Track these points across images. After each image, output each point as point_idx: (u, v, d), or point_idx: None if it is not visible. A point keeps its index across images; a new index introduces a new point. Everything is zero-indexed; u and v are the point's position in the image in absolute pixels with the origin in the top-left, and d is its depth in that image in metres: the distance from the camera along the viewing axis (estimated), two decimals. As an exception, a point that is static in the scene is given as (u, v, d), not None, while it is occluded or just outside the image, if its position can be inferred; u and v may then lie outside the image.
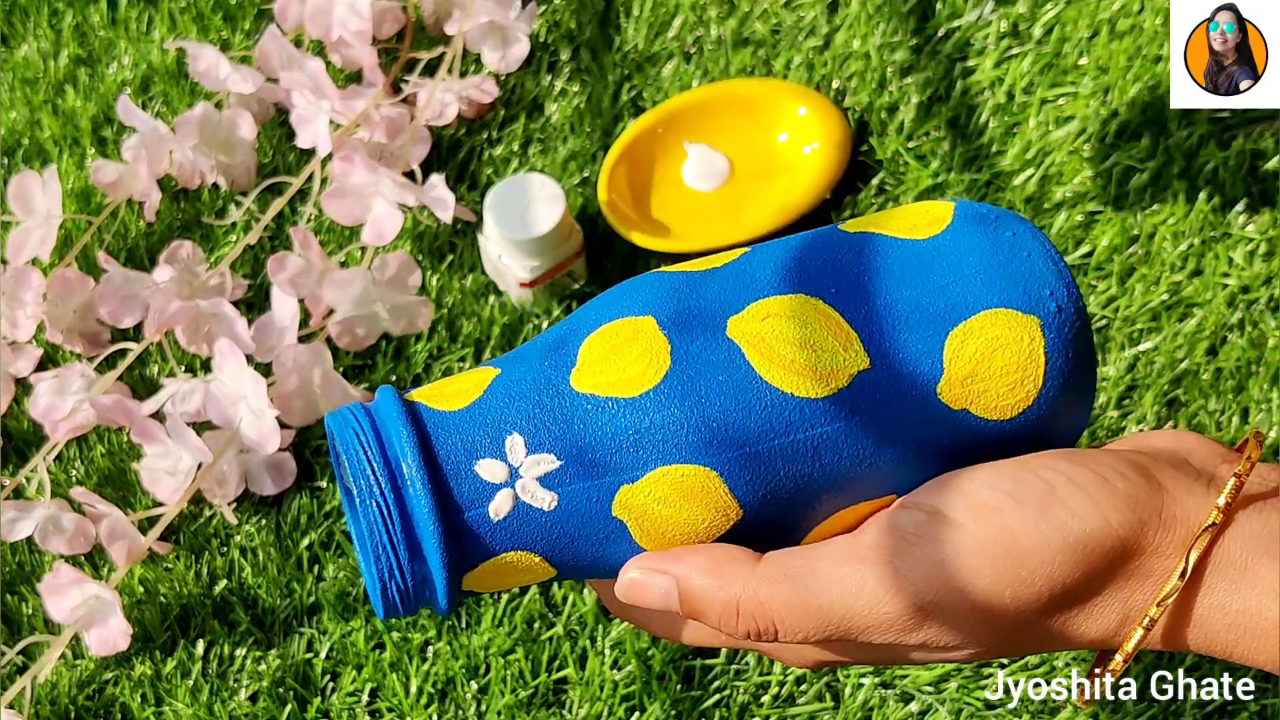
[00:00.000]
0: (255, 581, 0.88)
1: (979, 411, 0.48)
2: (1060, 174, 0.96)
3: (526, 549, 0.48)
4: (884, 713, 0.82)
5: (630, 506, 0.48)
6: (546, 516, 0.47)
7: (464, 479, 0.47)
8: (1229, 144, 0.95)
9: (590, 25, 1.05)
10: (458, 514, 0.47)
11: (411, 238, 0.98)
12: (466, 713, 0.83)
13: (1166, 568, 0.46)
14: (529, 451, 0.47)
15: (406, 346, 0.95)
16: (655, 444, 0.47)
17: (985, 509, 0.46)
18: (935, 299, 0.48)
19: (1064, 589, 0.46)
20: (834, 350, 0.47)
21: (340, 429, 0.48)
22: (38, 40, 1.09)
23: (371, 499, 0.47)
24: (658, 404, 0.47)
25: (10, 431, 0.94)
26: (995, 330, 0.48)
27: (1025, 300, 0.49)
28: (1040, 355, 0.48)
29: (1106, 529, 0.45)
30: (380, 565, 0.47)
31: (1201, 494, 0.46)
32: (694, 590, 0.47)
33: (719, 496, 0.47)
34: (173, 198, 1.01)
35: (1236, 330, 0.90)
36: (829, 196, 0.97)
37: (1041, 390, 0.48)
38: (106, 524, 0.85)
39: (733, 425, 0.47)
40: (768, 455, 0.47)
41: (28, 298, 0.94)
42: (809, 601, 0.46)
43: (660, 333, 0.48)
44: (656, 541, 0.48)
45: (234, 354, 0.87)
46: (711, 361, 0.47)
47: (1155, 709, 0.79)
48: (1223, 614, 0.46)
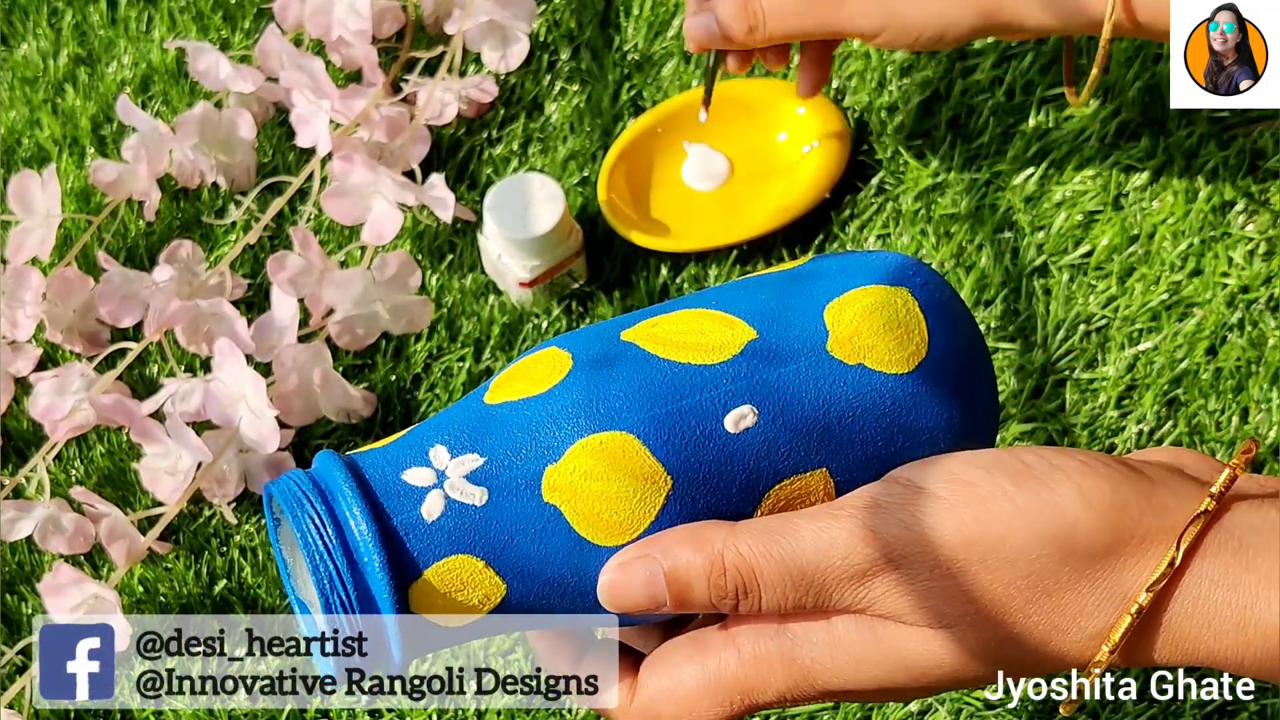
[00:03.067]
0: (255, 581, 0.88)
1: (875, 365, 0.50)
2: (1060, 174, 0.96)
3: (466, 551, 0.48)
4: (884, 712, 0.82)
5: (559, 487, 0.48)
6: (480, 512, 0.48)
7: (392, 487, 0.49)
8: (1229, 144, 0.95)
9: (590, 25, 1.05)
10: (389, 518, 0.48)
11: (411, 237, 0.98)
12: (466, 713, 0.83)
13: (1158, 553, 0.45)
14: (453, 455, 0.49)
15: (406, 346, 0.95)
16: (569, 420, 0.49)
17: (959, 481, 0.46)
18: (808, 289, 0.52)
19: (1041, 567, 0.45)
20: (721, 331, 0.50)
21: (276, 486, 0.50)
22: (37, 39, 1.09)
23: (304, 512, 0.48)
24: (566, 390, 0.49)
25: (10, 431, 0.94)
26: (869, 298, 0.51)
27: (889, 278, 0.52)
28: (918, 313, 0.51)
29: (1086, 507, 0.45)
30: (319, 576, 0.48)
31: (1195, 488, 0.46)
32: (679, 566, 0.47)
33: (642, 460, 0.48)
34: (172, 197, 1.01)
35: (1236, 330, 0.90)
36: (828, 196, 0.97)
37: (931, 343, 0.51)
38: (106, 524, 0.85)
39: (640, 394, 0.49)
40: (678, 414, 0.49)
41: (27, 297, 0.94)
42: (786, 551, 0.47)
43: (563, 351, 0.51)
44: (593, 524, 0.48)
45: (234, 354, 0.87)
46: (611, 356, 0.50)
47: (1155, 709, 0.79)
48: (1214, 608, 0.44)
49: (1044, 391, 0.89)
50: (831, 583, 0.46)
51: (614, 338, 0.51)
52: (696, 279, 0.95)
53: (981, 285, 0.93)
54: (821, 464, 0.49)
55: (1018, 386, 0.89)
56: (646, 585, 0.48)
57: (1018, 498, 0.45)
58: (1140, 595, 0.44)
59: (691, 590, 0.48)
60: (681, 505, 0.49)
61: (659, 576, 0.48)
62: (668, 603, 0.48)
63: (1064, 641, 0.46)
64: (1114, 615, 0.45)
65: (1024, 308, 0.92)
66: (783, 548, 0.46)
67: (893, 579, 0.46)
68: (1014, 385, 0.89)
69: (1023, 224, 0.95)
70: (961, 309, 0.53)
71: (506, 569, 0.49)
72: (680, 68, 1.03)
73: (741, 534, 0.47)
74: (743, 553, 0.47)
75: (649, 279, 0.95)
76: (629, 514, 0.48)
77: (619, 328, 0.52)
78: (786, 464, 0.49)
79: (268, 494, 0.50)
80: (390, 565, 0.47)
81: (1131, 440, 0.88)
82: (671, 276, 0.96)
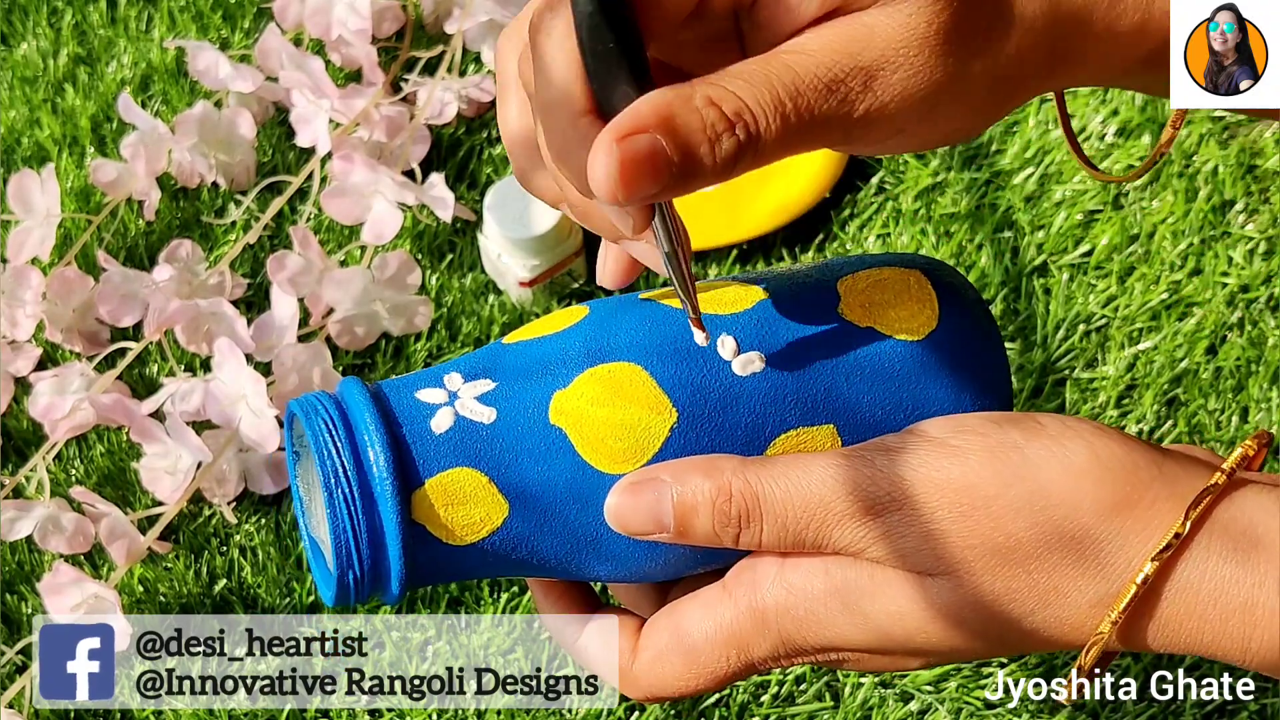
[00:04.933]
0: (255, 581, 0.88)
1: (886, 330, 0.51)
2: (1060, 173, 0.96)
3: (471, 465, 0.49)
4: (883, 712, 0.82)
5: (566, 411, 0.49)
6: (487, 429, 0.49)
7: (404, 401, 0.50)
8: (1229, 144, 0.95)
9: (590, 24, 1.05)
10: (398, 426, 0.49)
11: (411, 237, 0.98)
12: (466, 713, 0.83)
13: (1165, 523, 0.44)
14: (466, 380, 0.50)
15: (406, 345, 0.95)
16: (581, 354, 0.50)
17: (972, 432, 0.46)
18: (822, 270, 0.53)
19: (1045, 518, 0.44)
20: (736, 291, 0.52)
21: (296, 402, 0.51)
22: (37, 39, 1.09)
23: (317, 417, 0.49)
24: (579, 330, 0.51)
25: (10, 431, 0.94)
26: (880, 274, 0.52)
27: (899, 262, 0.53)
28: (929, 289, 0.52)
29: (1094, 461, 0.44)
30: (326, 471, 0.48)
31: (1205, 465, 0.45)
32: (686, 491, 0.48)
33: (649, 391, 0.49)
34: (172, 197, 1.01)
35: (1236, 329, 0.90)
36: (829, 196, 0.97)
37: (942, 315, 0.51)
38: (106, 523, 0.85)
39: (651, 331, 0.50)
40: (687, 352, 0.50)
41: (27, 297, 0.94)
42: (792, 483, 0.47)
43: (581, 306, 0.52)
44: (597, 450, 0.49)
45: (234, 353, 0.87)
46: (627, 305, 0.52)
47: (1155, 709, 0.79)
48: (1221, 585, 0.43)
49: (1044, 391, 0.89)
50: (834, 517, 0.46)
51: (633, 297, 0.53)
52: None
53: (981, 285, 0.93)
54: (829, 420, 0.50)
55: (1018, 386, 0.89)
56: (652, 508, 0.48)
57: (1027, 448, 0.45)
58: (1145, 565, 0.44)
59: (696, 516, 0.48)
60: (685, 439, 0.49)
61: (667, 500, 0.48)
62: (670, 528, 0.48)
63: (1063, 605, 0.45)
64: (1115, 583, 0.44)
65: (1024, 307, 0.92)
66: (791, 479, 0.47)
67: (895, 519, 0.45)
68: (1014, 385, 0.89)
69: (1023, 223, 0.95)
70: (974, 295, 0.53)
71: (509, 487, 0.49)
72: (680, 67, 1.03)
73: (752, 465, 0.48)
74: (750, 480, 0.47)
75: (649, 279, 0.95)
76: (633, 442, 0.49)
77: (638, 294, 0.53)
78: (793, 415, 0.50)
79: (289, 414, 0.51)
80: (394, 466, 0.48)
81: (1131, 440, 0.88)
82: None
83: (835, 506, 0.46)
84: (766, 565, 0.49)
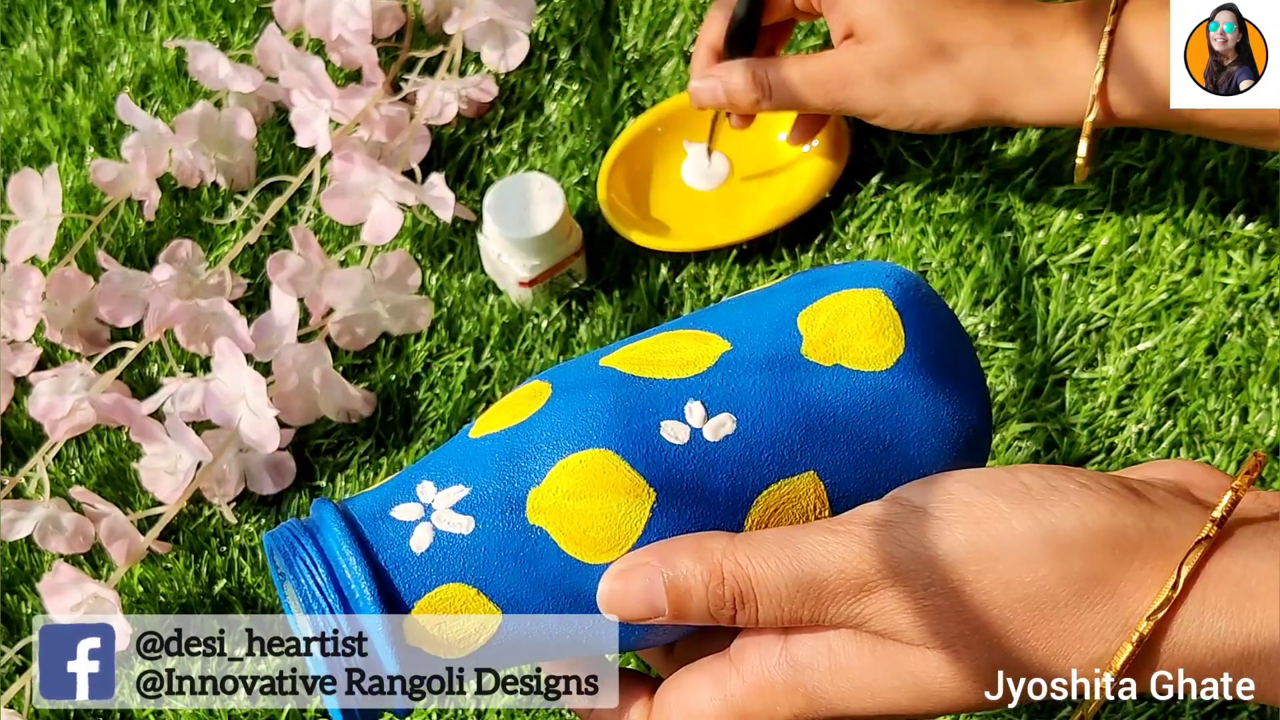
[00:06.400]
0: (255, 581, 0.88)
1: (852, 364, 0.50)
2: (1060, 173, 0.96)
3: (457, 579, 0.49)
4: None
5: (544, 509, 0.48)
6: (467, 540, 0.49)
7: (381, 525, 0.49)
8: (1229, 144, 0.95)
9: (590, 25, 1.05)
10: (377, 554, 0.49)
11: (411, 237, 0.98)
12: (466, 713, 0.83)
13: (1158, 580, 0.44)
14: (439, 488, 0.49)
15: (406, 346, 0.95)
16: (549, 443, 0.49)
17: (957, 501, 0.46)
18: (779, 302, 0.52)
19: (1037, 589, 0.44)
20: (696, 347, 0.51)
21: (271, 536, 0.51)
22: (37, 39, 1.09)
23: (296, 557, 0.49)
24: (544, 416, 0.50)
25: (10, 431, 0.94)
26: (841, 302, 0.51)
27: (862, 282, 0.52)
28: (892, 311, 0.51)
29: (1081, 528, 0.44)
30: (315, 616, 0.48)
31: (1197, 513, 0.45)
32: (678, 574, 0.48)
33: (623, 475, 0.48)
34: (172, 197, 1.01)
35: (1236, 330, 0.90)
36: (828, 196, 0.97)
37: (908, 338, 0.51)
38: (106, 523, 0.85)
39: (616, 411, 0.49)
40: (656, 427, 0.49)
41: (27, 297, 0.94)
42: (784, 562, 0.47)
43: (543, 383, 0.51)
44: (580, 543, 0.48)
45: (234, 353, 0.87)
46: (587, 381, 0.50)
47: (1155, 709, 0.79)
48: (1219, 636, 0.44)
49: (1043, 391, 0.89)
50: (828, 595, 0.46)
51: (592, 365, 0.52)
52: (696, 279, 0.95)
53: (981, 285, 0.93)
54: (808, 466, 0.49)
55: (1017, 386, 0.89)
56: (645, 593, 0.48)
57: (1013, 518, 0.45)
58: (1140, 624, 0.44)
59: (690, 599, 0.48)
60: (668, 516, 0.49)
61: (658, 584, 0.48)
62: (665, 612, 0.48)
63: (1066, 667, 0.46)
64: (1115, 642, 0.45)
65: (1024, 307, 0.92)
66: (781, 559, 0.47)
67: (890, 595, 0.46)
68: (1013, 385, 0.89)
69: (1022, 223, 0.95)
70: (939, 304, 0.53)
71: (499, 594, 0.49)
72: (680, 67, 1.03)
73: (741, 544, 0.47)
74: (741, 562, 0.47)
75: (649, 279, 0.95)
76: (615, 529, 0.48)
77: (598, 357, 0.52)
78: (772, 469, 0.49)
79: (268, 547, 0.51)
80: (381, 599, 0.48)
81: (1131, 440, 0.88)
82: (671, 276, 0.96)
83: (829, 585, 0.46)
84: (771, 641, 0.49)
